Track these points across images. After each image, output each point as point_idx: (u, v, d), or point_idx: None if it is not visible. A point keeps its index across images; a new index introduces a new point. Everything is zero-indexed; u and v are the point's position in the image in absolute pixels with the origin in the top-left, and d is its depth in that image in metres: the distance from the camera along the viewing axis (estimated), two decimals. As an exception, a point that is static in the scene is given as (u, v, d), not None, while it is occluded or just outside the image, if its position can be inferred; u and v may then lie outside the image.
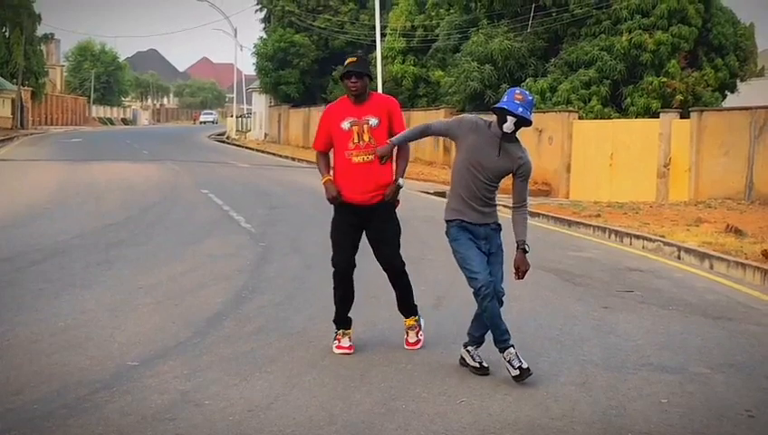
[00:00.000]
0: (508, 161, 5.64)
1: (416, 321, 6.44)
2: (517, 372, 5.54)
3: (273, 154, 39.20)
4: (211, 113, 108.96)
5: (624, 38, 25.76)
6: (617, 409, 5.15)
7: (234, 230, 12.41)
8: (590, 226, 14.56)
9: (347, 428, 4.71)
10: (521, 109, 5.52)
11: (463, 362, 5.86)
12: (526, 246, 5.72)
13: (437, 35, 36.11)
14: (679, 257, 11.54)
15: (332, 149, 6.25)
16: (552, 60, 28.39)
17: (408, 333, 6.44)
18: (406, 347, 6.35)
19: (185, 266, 9.40)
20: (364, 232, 6.27)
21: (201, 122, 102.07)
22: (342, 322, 6.31)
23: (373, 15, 40.69)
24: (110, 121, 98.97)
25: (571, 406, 5.18)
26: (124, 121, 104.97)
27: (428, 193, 20.61)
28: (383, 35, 39.18)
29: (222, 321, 6.98)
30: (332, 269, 6.28)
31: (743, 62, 26.24)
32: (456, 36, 34.21)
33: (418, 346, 6.35)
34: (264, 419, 4.79)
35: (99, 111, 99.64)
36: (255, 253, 10.41)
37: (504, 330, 5.65)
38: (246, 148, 45.84)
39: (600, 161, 22.83)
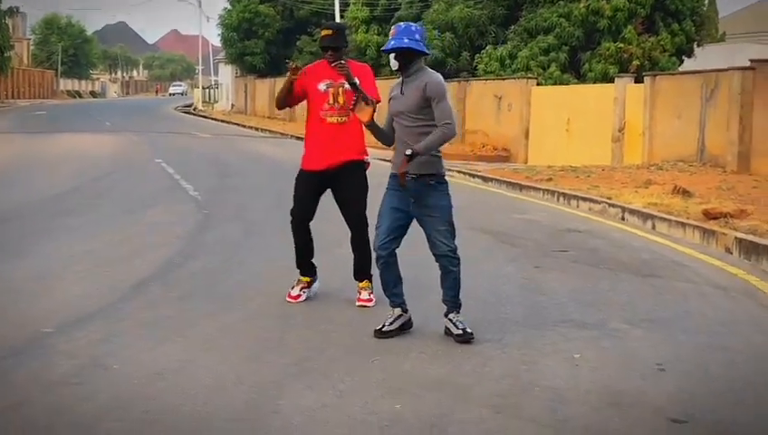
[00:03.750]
0: (414, 92, 5.52)
1: (369, 284, 6.52)
2: (459, 332, 5.58)
3: (238, 125, 38.99)
4: (180, 85, 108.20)
5: (582, 4, 25.75)
6: (528, 364, 5.19)
7: (180, 199, 12.35)
8: (540, 189, 14.61)
9: (254, 388, 4.71)
10: (392, 42, 5.52)
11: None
12: (407, 151, 5.43)
13: (400, 4, 35.92)
14: (623, 219, 11.62)
15: (307, 112, 6.52)
16: (512, 27, 28.34)
17: (360, 291, 6.53)
18: (357, 304, 6.45)
19: (123, 235, 9.36)
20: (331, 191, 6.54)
21: (170, 94, 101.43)
22: (301, 268, 6.60)
23: (337, -16, 40.44)
24: (78, 94, 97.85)
25: (483, 362, 5.21)
26: (93, 94, 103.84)
27: (385, 160, 20.52)
28: (347, 4, 38.98)
29: (148, 287, 6.96)
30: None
31: (699, 27, 26.31)
32: (419, 5, 34.05)
33: (371, 303, 6.42)
34: (170, 382, 4.78)
35: (67, 84, 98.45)
36: (197, 220, 10.37)
37: (393, 280, 5.68)
38: (212, 119, 45.54)
39: (558, 127, 22.88)
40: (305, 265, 6.67)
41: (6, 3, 62.90)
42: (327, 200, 6.63)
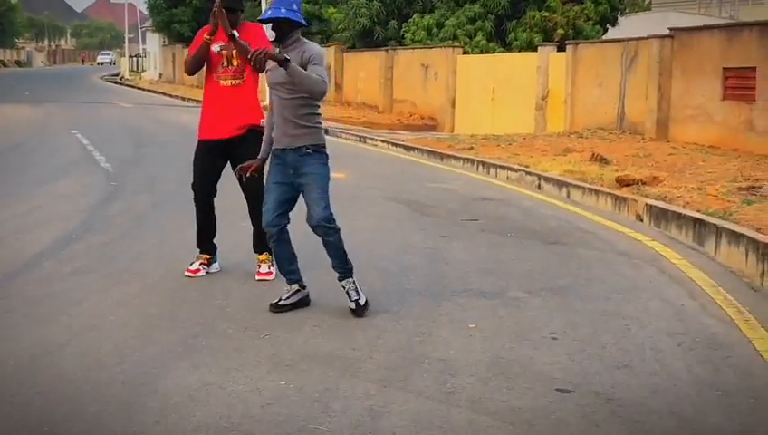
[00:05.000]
0: (294, 60, 5.30)
1: (269, 256, 6.36)
2: (353, 305, 5.48)
3: (164, 94, 38.30)
4: (108, 54, 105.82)
5: (508, -27, 25.68)
6: (422, 336, 5.12)
7: (90, 170, 12.04)
8: (460, 158, 14.58)
9: (135, 367, 4.55)
10: (269, 12, 5.40)
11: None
12: (285, 55, 5.21)
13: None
14: (540, 187, 11.64)
15: (204, 77, 6.42)
16: (439, -5, 28.20)
17: (260, 265, 6.40)
18: (257, 278, 6.33)
19: (25, 208, 9.06)
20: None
21: (98, 63, 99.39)
22: (200, 245, 6.48)
23: (264, -50, 39.85)
24: (3, 64, 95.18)
25: (377, 335, 5.12)
26: (18, 63, 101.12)
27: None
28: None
29: (41, 262, 6.72)
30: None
31: (623, -5, 26.48)
32: (346, -29, 33.68)
33: (271, 277, 6.29)
34: (48, 362, 4.59)
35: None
36: (105, 192, 10.10)
37: (287, 257, 5.59)
38: (138, 88, 44.72)
39: (483, 96, 22.90)
40: (205, 241, 6.52)
41: None
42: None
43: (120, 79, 56.05)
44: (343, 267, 5.57)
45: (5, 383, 4.29)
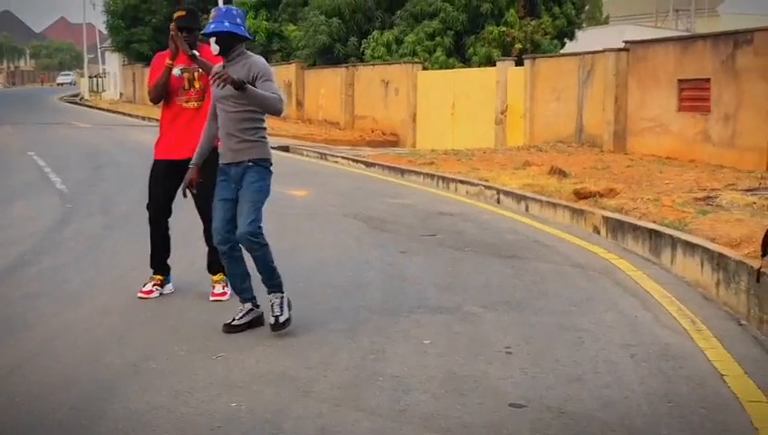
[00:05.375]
0: (238, 74, 5.28)
1: (223, 277, 6.29)
2: (272, 320, 5.41)
3: (125, 114, 38.02)
4: (69, 74, 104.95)
5: (466, -12, 25.87)
6: (377, 353, 5.08)
7: (46, 192, 11.88)
8: (421, 173, 14.59)
9: (83, 392, 4.46)
10: (212, 26, 5.36)
11: None
12: (244, 82, 5.21)
13: (286, -11, 35.54)
14: (499, 201, 11.67)
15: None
16: (398, 12, 28.32)
17: (214, 286, 6.34)
18: (211, 299, 6.26)
19: (-25, 232, 8.92)
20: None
21: (58, 84, 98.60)
22: (154, 266, 6.41)
23: (224, -31, 39.76)
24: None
25: (331, 353, 5.08)
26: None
27: (270, 147, 20.24)
28: (233, -11, 38.33)
29: (-10, 287, 6.61)
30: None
31: (579, 10, 26.76)
32: (306, -11, 33.71)
33: (226, 297, 6.22)
34: (-5, 387, 4.51)
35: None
36: (58, 215, 9.96)
37: (240, 274, 5.52)
38: (98, 108, 44.33)
39: (443, 111, 22.99)
40: (159, 262, 6.45)
41: None
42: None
43: (80, 99, 55.56)
44: (270, 282, 5.49)
45: (-52, 412, 4.19)
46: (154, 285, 6.39)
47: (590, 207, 9.89)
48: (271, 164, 5.59)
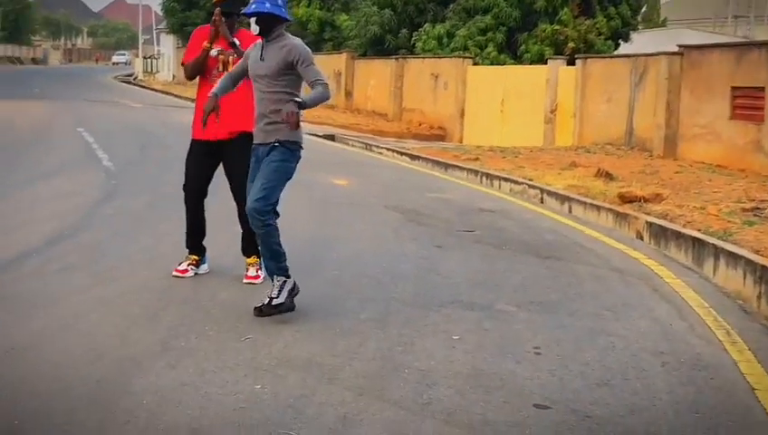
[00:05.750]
0: (275, 56, 5.40)
1: (257, 260, 6.31)
2: (265, 301, 5.40)
3: (175, 96, 38.31)
4: (124, 54, 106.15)
5: (520, -15, 25.70)
6: (405, 345, 5.06)
7: (92, 168, 12.01)
8: (465, 169, 14.51)
9: (111, 365, 4.51)
10: (253, 6, 5.41)
11: None
12: (297, 99, 5.35)
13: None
14: (542, 200, 11.57)
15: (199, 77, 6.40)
16: (451, 6, 28.20)
17: (248, 268, 6.36)
18: (245, 281, 6.28)
19: (18, 204, 9.04)
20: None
21: (113, 63, 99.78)
22: (189, 246, 6.44)
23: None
24: (19, 61, 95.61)
25: (359, 342, 5.07)
26: (34, 61, 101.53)
27: (316, 135, 20.30)
28: (289, -24, 38.47)
29: (28, 258, 6.68)
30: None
31: (635, 11, 26.41)
32: (360, -21, 33.73)
33: (259, 280, 6.23)
34: (21, 358, 4.55)
35: (7, 50, 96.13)
36: (103, 191, 10.07)
37: (271, 256, 5.46)
38: (150, 89, 44.75)
39: (492, 107, 22.84)
40: (194, 243, 6.48)
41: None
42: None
43: (134, 79, 56.17)
44: (274, 265, 5.45)
45: (-23, 378, 4.25)
46: (189, 264, 6.43)
47: (635, 211, 9.76)
48: (299, 148, 5.58)
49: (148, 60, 64.25)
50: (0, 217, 8.42)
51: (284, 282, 5.45)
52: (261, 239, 5.44)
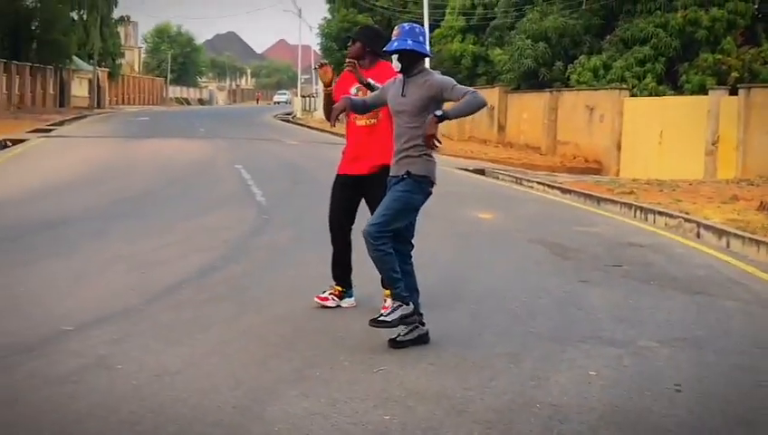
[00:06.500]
0: (417, 91, 5.48)
1: None
2: (394, 335, 5.52)
3: (333, 133, 39.22)
4: (284, 93, 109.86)
5: (679, 15, 25.12)
6: (538, 380, 4.98)
7: (245, 204, 12.44)
8: (618, 202, 14.18)
9: (248, 393, 4.64)
10: (395, 44, 5.50)
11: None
12: (437, 113, 5.39)
13: (495, 14, 35.67)
14: (698, 235, 11.15)
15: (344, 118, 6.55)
16: (607, 37, 27.83)
17: (385, 300, 6.41)
18: (383, 312, 6.30)
19: (176, 237, 9.45)
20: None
21: (275, 102, 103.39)
22: (335, 277, 6.58)
23: (436, -6, 40.43)
24: (186, 101, 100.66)
25: (491, 376, 5.02)
26: (200, 102, 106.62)
27: (466, 170, 20.34)
28: (443, 14, 38.92)
29: (180, 289, 6.97)
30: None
31: (805, 37, 25.26)
32: (513, 14, 33.74)
33: None
34: (167, 384, 4.74)
35: (176, 91, 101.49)
36: (253, 225, 10.41)
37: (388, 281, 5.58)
38: (308, 127, 45.97)
39: (650, 139, 22.29)
40: (339, 274, 6.60)
41: (119, 12, 65.49)
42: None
43: (292, 118, 57.89)
44: (392, 290, 5.56)
45: (124, 401, 4.45)
46: (331, 294, 6.54)
47: (797, 247, 9.28)
48: (429, 183, 5.61)
49: (307, 98, 66.17)
50: (165, 247, 8.86)
51: (399, 306, 5.49)
52: (376, 262, 5.51)
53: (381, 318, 5.49)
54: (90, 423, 4.18)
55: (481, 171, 20.29)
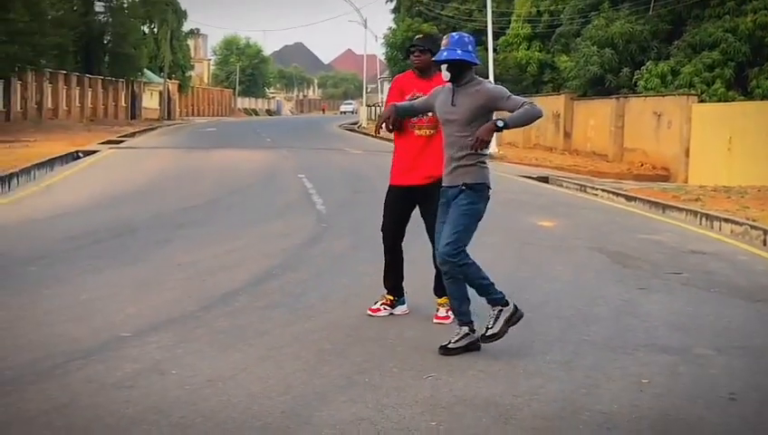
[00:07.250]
0: (468, 101, 5.49)
1: (447, 301, 6.39)
2: (483, 331, 5.51)
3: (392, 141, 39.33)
4: (351, 103, 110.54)
5: (749, 19, 24.68)
6: (589, 388, 4.93)
7: (305, 212, 12.55)
8: (683, 210, 13.96)
9: (297, 398, 4.69)
10: (445, 54, 5.49)
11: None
12: (499, 123, 5.41)
13: (561, 21, 35.45)
14: (765, 242, 10.92)
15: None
16: (675, 42, 27.43)
17: (438, 308, 6.46)
18: (434, 321, 6.38)
19: (235, 245, 9.58)
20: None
21: (341, 112, 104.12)
22: (386, 286, 6.61)
23: (502, 2, 40.32)
24: (255, 112, 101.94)
25: (541, 383, 4.99)
26: (268, 112, 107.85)
27: (529, 178, 20.20)
28: (508, 22, 38.79)
29: (237, 296, 7.07)
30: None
31: None
32: (580, 21, 33.49)
33: (448, 321, 6.28)
34: (219, 389, 4.81)
35: (244, 102, 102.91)
36: (311, 233, 10.50)
37: (459, 297, 5.57)
38: (372, 136, 46.13)
39: (719, 146, 21.86)
40: (391, 283, 6.62)
41: (188, 25, 66.75)
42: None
43: (358, 127, 58.18)
44: (486, 297, 5.55)
45: (176, 406, 4.53)
46: (383, 304, 6.57)
47: None
48: (487, 189, 5.61)
49: (372, 108, 66.47)
50: (225, 255, 9.00)
51: (501, 311, 5.49)
52: (467, 279, 5.51)
53: (488, 333, 5.47)
54: (141, 427, 4.27)
55: (545, 179, 20.14)
